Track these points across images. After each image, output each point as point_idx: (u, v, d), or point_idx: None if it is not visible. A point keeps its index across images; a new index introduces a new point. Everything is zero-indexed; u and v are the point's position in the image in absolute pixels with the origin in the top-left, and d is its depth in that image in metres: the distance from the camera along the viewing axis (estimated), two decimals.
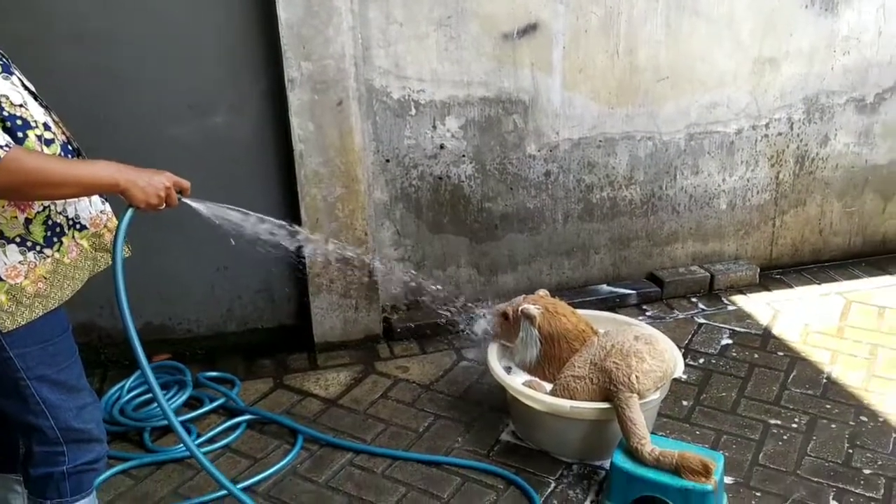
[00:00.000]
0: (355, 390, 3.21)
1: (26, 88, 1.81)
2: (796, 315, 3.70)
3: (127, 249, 2.05)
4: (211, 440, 2.89)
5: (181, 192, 1.96)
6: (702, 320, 3.69)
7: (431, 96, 3.36)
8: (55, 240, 1.84)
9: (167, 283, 3.35)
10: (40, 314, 1.81)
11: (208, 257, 3.35)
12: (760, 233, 4.07)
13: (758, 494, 2.55)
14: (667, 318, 3.72)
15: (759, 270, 4.02)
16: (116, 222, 2.04)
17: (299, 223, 3.27)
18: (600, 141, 3.65)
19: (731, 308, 3.80)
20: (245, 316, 3.52)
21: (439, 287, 2.81)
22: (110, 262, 2.01)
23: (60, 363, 1.90)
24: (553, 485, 2.64)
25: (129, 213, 1.90)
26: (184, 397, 3.05)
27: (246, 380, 3.29)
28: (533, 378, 2.84)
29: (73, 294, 1.91)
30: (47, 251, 1.82)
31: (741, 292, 3.94)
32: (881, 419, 2.92)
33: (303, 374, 3.33)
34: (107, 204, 2.02)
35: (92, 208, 1.95)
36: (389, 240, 3.54)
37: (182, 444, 2.79)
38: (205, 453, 2.82)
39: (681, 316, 3.74)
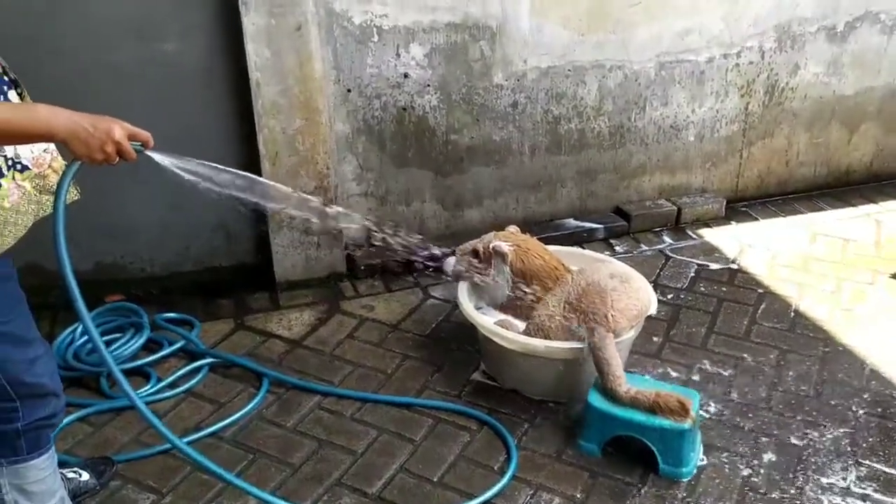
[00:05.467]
0: (320, 330, 3.11)
1: None
2: (763, 248, 3.69)
3: (75, 192, 1.88)
4: (172, 385, 2.77)
5: (143, 144, 1.75)
6: (670, 254, 3.66)
7: (395, 21, 3.17)
8: None
9: (117, 221, 3.18)
10: None
11: (159, 194, 3.15)
12: (727, 165, 4.03)
13: (728, 431, 2.55)
14: (634, 253, 3.68)
15: (725, 203, 3.99)
16: (62, 162, 1.87)
17: (257, 157, 3.10)
18: (569, 70, 3.52)
19: (698, 242, 3.77)
20: (202, 254, 3.36)
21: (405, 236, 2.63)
22: None
23: (5, 314, 1.75)
24: (526, 425, 2.60)
25: (74, 165, 1.72)
26: (141, 340, 2.91)
27: (205, 321, 3.15)
28: (506, 317, 2.77)
29: (17, 241, 1.74)
30: None
31: (707, 225, 3.91)
32: (848, 352, 2.94)
33: (265, 315, 3.21)
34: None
35: (34, 147, 1.77)
36: (352, 174, 3.39)
37: (149, 387, 2.73)
38: (166, 399, 2.72)
39: (648, 250, 3.71)
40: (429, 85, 3.33)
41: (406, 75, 3.28)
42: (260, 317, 3.20)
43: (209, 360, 2.89)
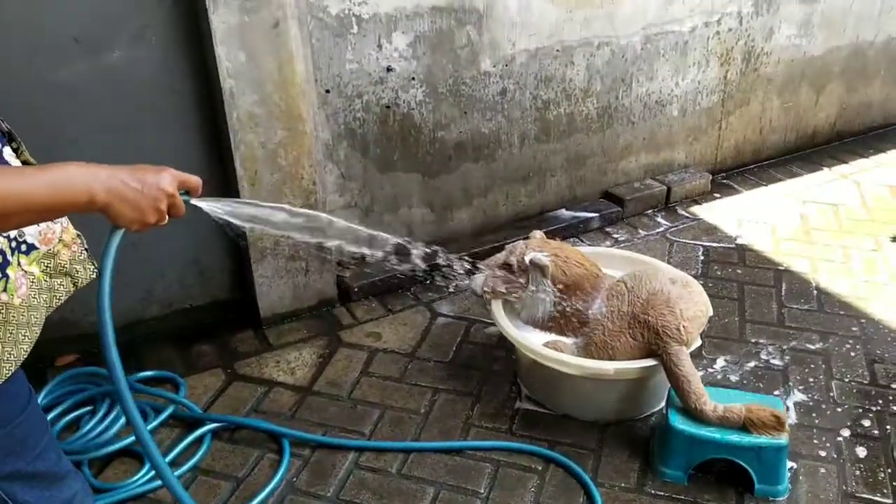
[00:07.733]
0: (328, 370, 2.71)
1: None
2: (760, 222, 3.57)
3: (92, 266, 1.44)
4: (174, 463, 2.32)
5: (187, 192, 1.34)
6: (671, 238, 3.47)
7: (375, 8, 2.77)
8: None
9: None
10: None
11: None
12: (708, 137, 3.87)
13: (804, 431, 2.38)
14: (636, 240, 3.47)
15: (711, 178, 3.85)
16: (74, 232, 1.42)
17: (233, 177, 2.64)
18: (557, 50, 3.22)
19: (694, 221, 3.60)
20: (168, 296, 2.87)
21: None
22: (72, 289, 1.41)
23: (33, 448, 1.31)
24: (594, 454, 2.34)
25: (118, 236, 1.30)
26: (123, 415, 2.43)
27: (189, 375, 2.68)
28: (556, 337, 2.47)
29: (33, 346, 1.29)
30: None
31: (696, 202, 3.76)
32: (882, 326, 2.84)
33: (257, 359, 2.78)
34: None
35: None
36: (333, 185, 2.98)
37: (144, 472, 2.27)
38: None
39: (648, 235, 3.51)
40: (413, 78, 2.96)
41: (389, 69, 2.89)
42: (252, 362, 2.76)
43: (210, 425, 2.44)
